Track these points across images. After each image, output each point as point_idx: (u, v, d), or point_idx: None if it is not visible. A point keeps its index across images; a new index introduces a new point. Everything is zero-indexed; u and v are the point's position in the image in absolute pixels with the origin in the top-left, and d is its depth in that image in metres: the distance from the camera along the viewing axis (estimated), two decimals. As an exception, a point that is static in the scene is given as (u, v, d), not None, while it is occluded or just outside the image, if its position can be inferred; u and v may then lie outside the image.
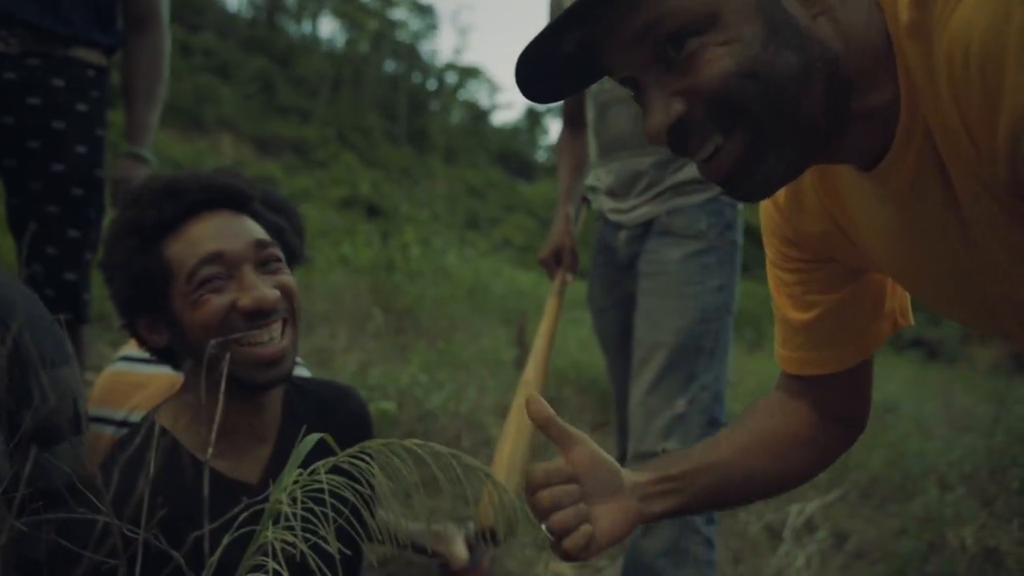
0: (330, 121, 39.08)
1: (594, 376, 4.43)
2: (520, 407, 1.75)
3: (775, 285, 1.03)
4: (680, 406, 1.65)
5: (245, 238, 1.08)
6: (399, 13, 54.58)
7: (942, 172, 0.73)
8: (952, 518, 2.80)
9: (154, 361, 1.20)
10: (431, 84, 57.35)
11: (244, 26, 45.61)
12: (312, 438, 0.75)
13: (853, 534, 2.80)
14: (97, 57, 1.84)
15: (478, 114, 61.37)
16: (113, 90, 1.93)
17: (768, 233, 1.01)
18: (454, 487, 0.66)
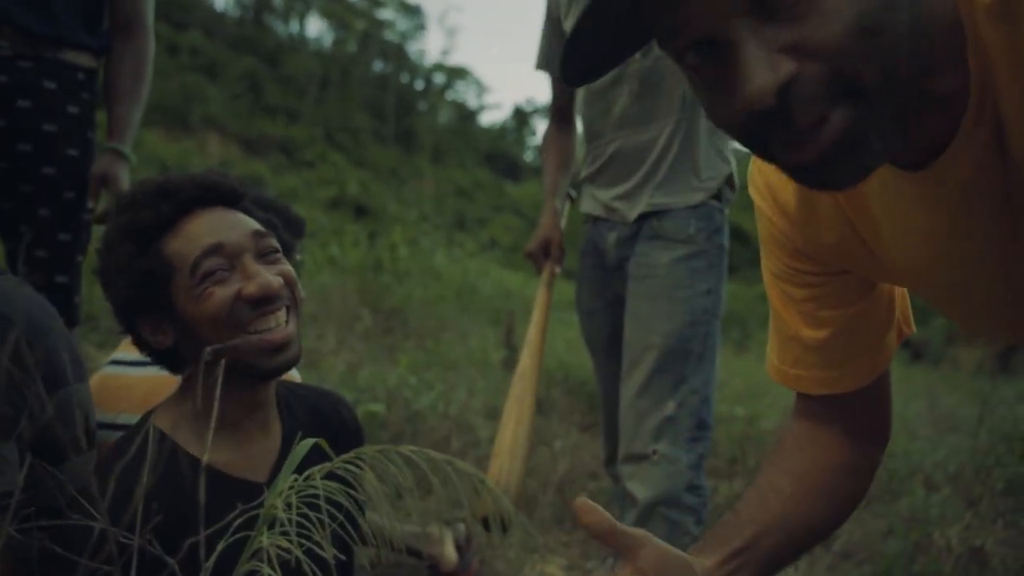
0: (318, 121, 38.96)
1: (583, 378, 4.44)
2: (518, 396, 1.76)
3: (781, 302, 0.97)
4: (670, 408, 1.67)
5: (243, 229, 1.09)
6: (387, 13, 54.55)
7: (1004, 166, 0.66)
8: (938, 518, 2.82)
9: (143, 364, 1.19)
10: (419, 84, 57.33)
11: (231, 25, 45.41)
12: (308, 442, 0.76)
13: (840, 535, 2.81)
14: (87, 60, 1.84)
15: (466, 114, 61.34)
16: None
17: (773, 245, 0.94)
18: (447, 491, 0.67)
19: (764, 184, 0.91)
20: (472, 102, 64.53)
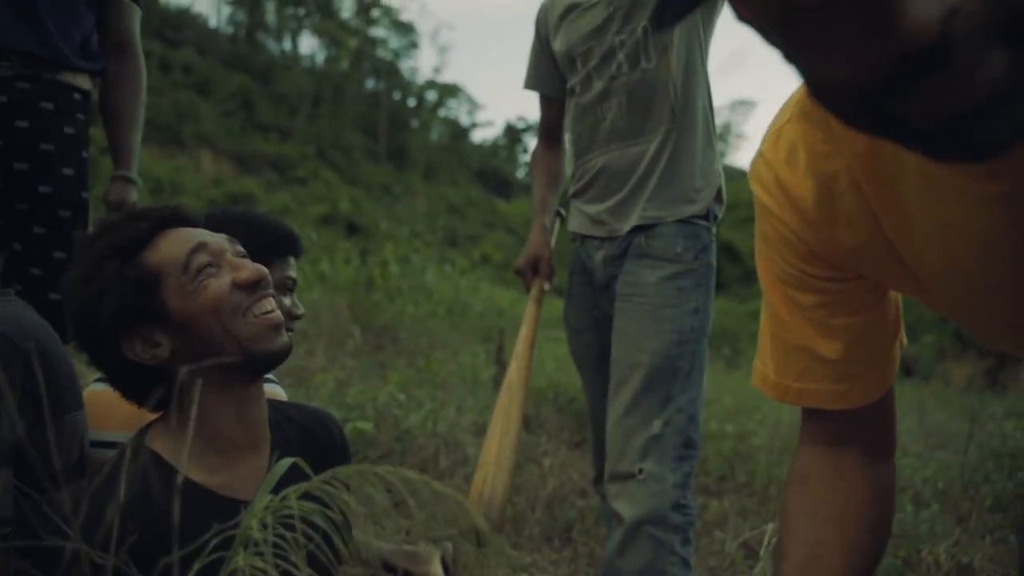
0: (310, 138, 39.05)
1: (572, 395, 4.44)
2: (504, 409, 1.76)
3: (788, 309, 0.90)
4: (656, 427, 1.66)
5: (218, 235, 1.14)
6: (379, 31, 54.78)
7: None
8: (927, 534, 2.82)
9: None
10: (411, 102, 57.50)
11: (224, 43, 45.57)
12: (286, 462, 0.76)
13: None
14: (83, 81, 1.87)
15: (458, 132, 61.55)
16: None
17: (782, 247, 0.86)
18: (425, 511, 0.67)
19: (773, 180, 0.84)
20: (464, 119, 64.70)
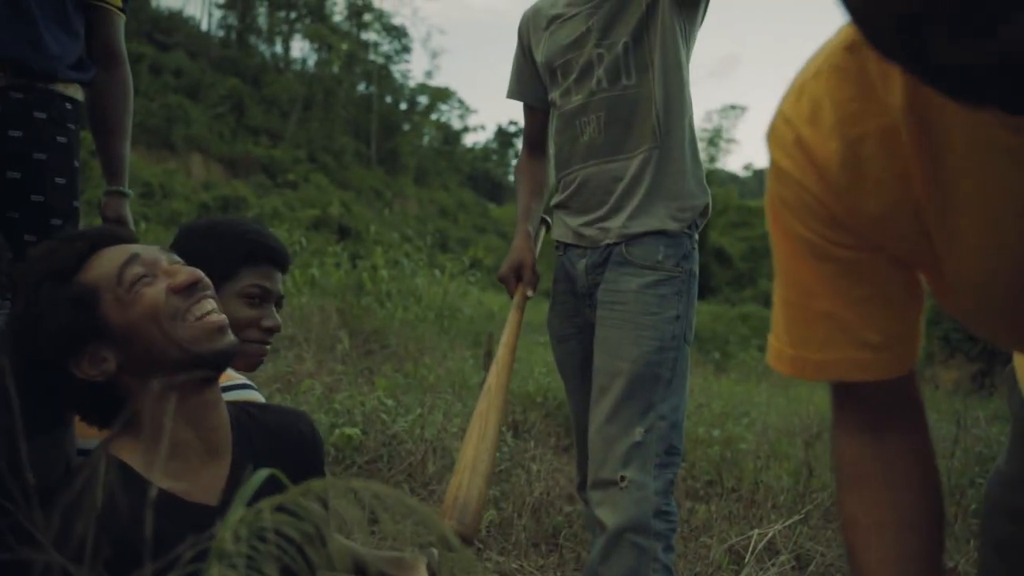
0: (301, 142, 39.02)
1: (561, 400, 4.44)
2: (482, 413, 1.76)
3: (813, 274, 0.85)
4: (638, 434, 1.67)
5: (152, 247, 1.15)
6: (371, 35, 54.78)
7: None
8: (911, 539, 2.83)
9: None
10: (403, 106, 57.48)
11: (215, 46, 45.50)
12: (262, 473, 0.76)
13: (815, 556, 2.82)
14: (75, 91, 1.89)
15: (449, 136, 61.58)
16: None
17: (802, 213, 0.81)
18: (399, 523, 0.67)
19: (794, 140, 0.79)
20: (456, 123, 64.76)
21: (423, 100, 59.45)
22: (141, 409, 1.09)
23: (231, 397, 1.31)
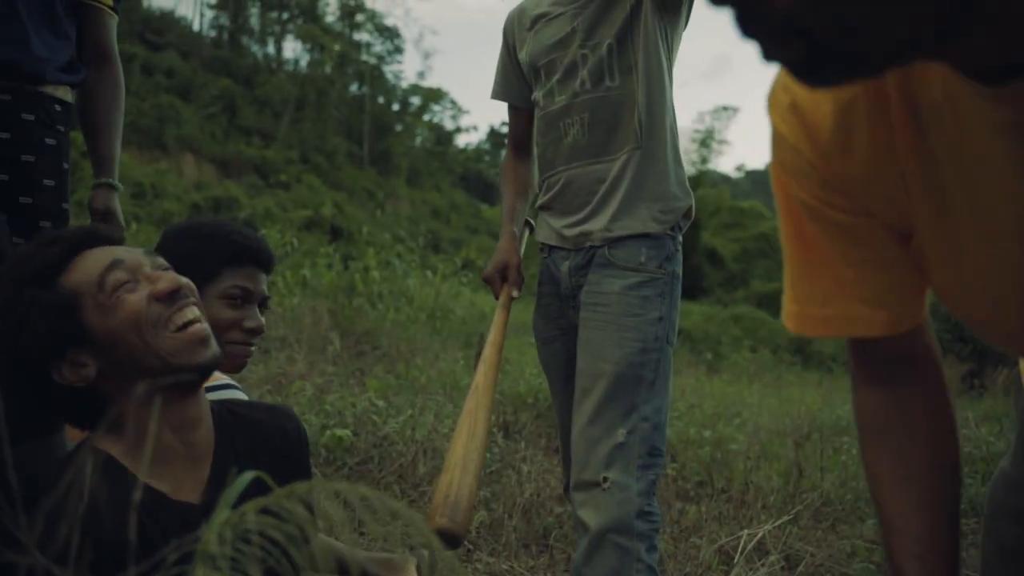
0: (293, 142, 38.96)
1: (551, 401, 4.45)
2: (471, 411, 1.75)
3: (815, 233, 0.86)
4: (620, 436, 1.67)
5: (135, 251, 1.14)
6: (363, 35, 54.71)
7: None
8: (900, 540, 2.85)
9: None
10: (395, 106, 57.41)
11: (207, 46, 45.39)
12: (246, 476, 0.76)
13: (805, 557, 2.84)
14: (64, 93, 1.88)
15: (442, 136, 61.53)
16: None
17: (798, 176, 0.83)
18: (382, 528, 0.68)
19: (789, 105, 0.80)
20: (448, 124, 64.74)
21: (415, 101, 59.43)
22: (124, 412, 1.09)
23: (215, 397, 1.31)
